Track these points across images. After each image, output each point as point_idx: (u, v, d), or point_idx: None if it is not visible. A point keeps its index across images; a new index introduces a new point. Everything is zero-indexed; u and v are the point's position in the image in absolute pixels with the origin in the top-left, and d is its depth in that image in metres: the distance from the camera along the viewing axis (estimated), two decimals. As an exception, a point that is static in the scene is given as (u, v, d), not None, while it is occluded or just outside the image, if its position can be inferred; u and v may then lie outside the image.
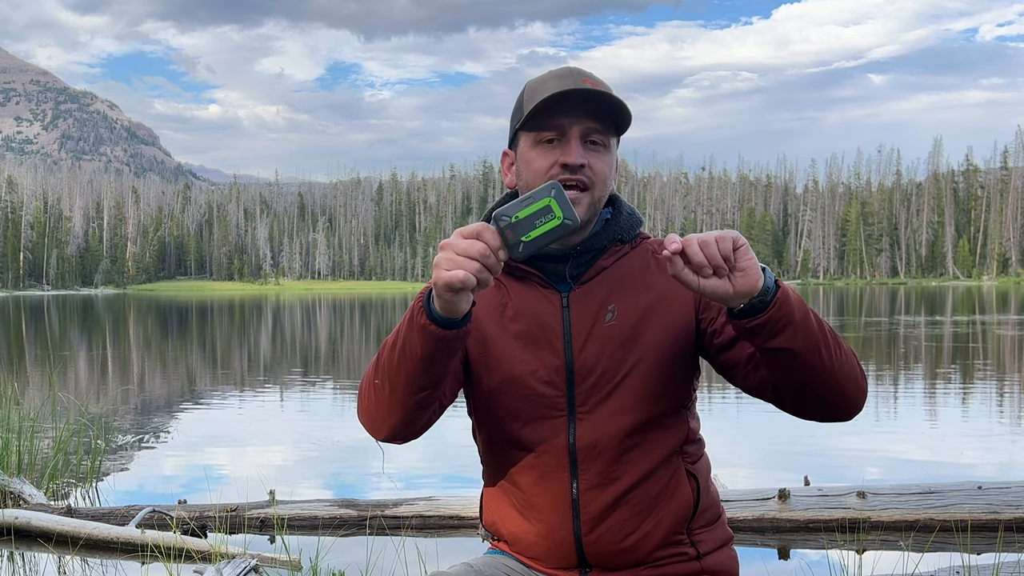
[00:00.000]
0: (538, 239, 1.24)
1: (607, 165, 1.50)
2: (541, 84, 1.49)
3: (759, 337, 1.33)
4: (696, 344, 1.53)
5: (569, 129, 1.47)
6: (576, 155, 1.46)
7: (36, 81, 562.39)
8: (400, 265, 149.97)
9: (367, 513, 4.62)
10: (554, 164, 1.47)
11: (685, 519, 1.53)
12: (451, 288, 1.24)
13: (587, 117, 1.47)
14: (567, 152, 1.46)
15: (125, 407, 9.95)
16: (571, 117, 1.46)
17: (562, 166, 1.46)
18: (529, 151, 1.51)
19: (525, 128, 1.50)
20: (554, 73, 1.51)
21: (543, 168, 1.48)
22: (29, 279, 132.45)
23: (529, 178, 1.50)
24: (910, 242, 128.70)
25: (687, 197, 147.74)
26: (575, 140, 1.47)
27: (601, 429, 1.49)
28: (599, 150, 1.49)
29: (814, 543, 4.34)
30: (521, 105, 1.52)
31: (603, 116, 1.48)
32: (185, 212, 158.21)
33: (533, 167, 1.49)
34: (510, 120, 1.57)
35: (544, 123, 1.47)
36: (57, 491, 5.62)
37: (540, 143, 1.49)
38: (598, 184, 1.49)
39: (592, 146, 1.48)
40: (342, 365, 15.85)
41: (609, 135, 1.50)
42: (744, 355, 1.47)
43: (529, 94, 1.51)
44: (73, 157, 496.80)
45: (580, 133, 1.47)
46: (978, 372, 12.74)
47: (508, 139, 1.59)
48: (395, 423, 1.46)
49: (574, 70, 1.49)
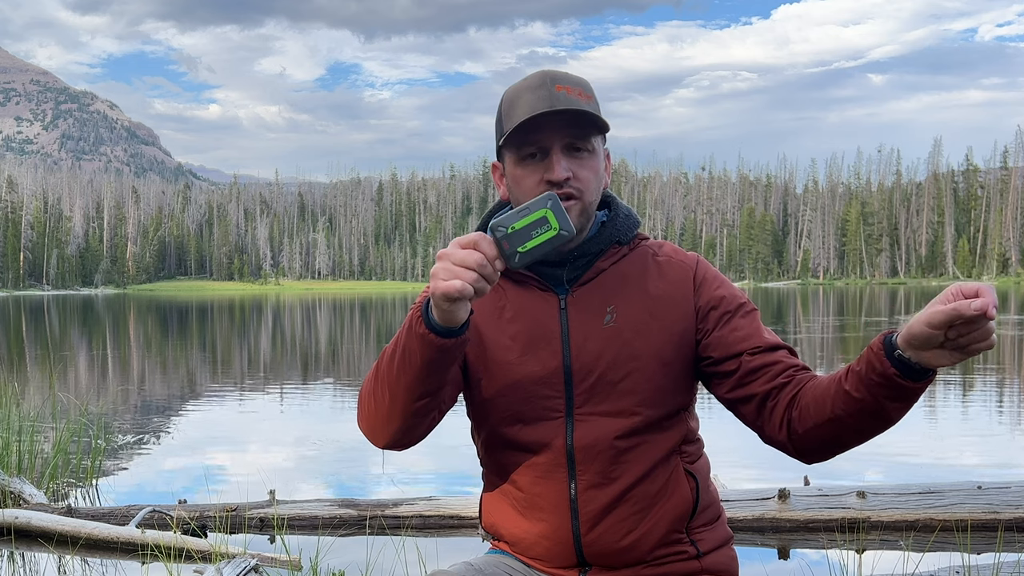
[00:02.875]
0: (534, 249, 1.26)
1: (593, 170, 1.49)
2: (517, 97, 1.47)
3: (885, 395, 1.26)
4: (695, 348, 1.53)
5: (551, 144, 1.46)
6: (559, 171, 1.45)
7: (36, 81, 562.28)
8: (400, 265, 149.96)
9: (367, 513, 4.62)
10: (540, 182, 1.47)
11: (684, 518, 1.53)
12: (449, 298, 1.25)
13: (566, 128, 1.46)
14: (550, 168, 1.46)
15: (125, 407, 9.96)
16: (550, 132, 1.45)
17: (547, 183, 1.46)
18: (514, 168, 1.50)
19: (507, 145, 1.50)
20: (528, 83, 1.48)
21: (531, 187, 1.48)
22: (29, 279, 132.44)
23: (519, 195, 1.50)
24: (910, 242, 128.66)
25: (687, 197, 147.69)
26: (557, 155, 1.46)
27: (599, 430, 1.49)
28: (583, 156, 1.48)
29: (814, 543, 4.34)
30: (500, 119, 1.51)
31: (583, 123, 1.47)
32: (185, 212, 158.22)
33: (521, 186, 1.49)
34: (495, 131, 1.55)
35: (524, 139, 1.47)
36: (57, 491, 5.62)
37: (524, 159, 1.48)
38: (587, 191, 1.48)
39: (576, 154, 1.48)
40: (342, 365, 15.85)
41: (592, 138, 1.49)
42: (732, 371, 1.48)
43: (507, 108, 1.49)
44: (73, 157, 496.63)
45: (562, 146, 1.46)
46: (978, 372, 12.75)
47: (495, 152, 1.58)
48: (395, 430, 1.47)
49: (547, 77, 1.47)
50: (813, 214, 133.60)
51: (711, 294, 1.53)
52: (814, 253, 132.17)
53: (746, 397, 1.48)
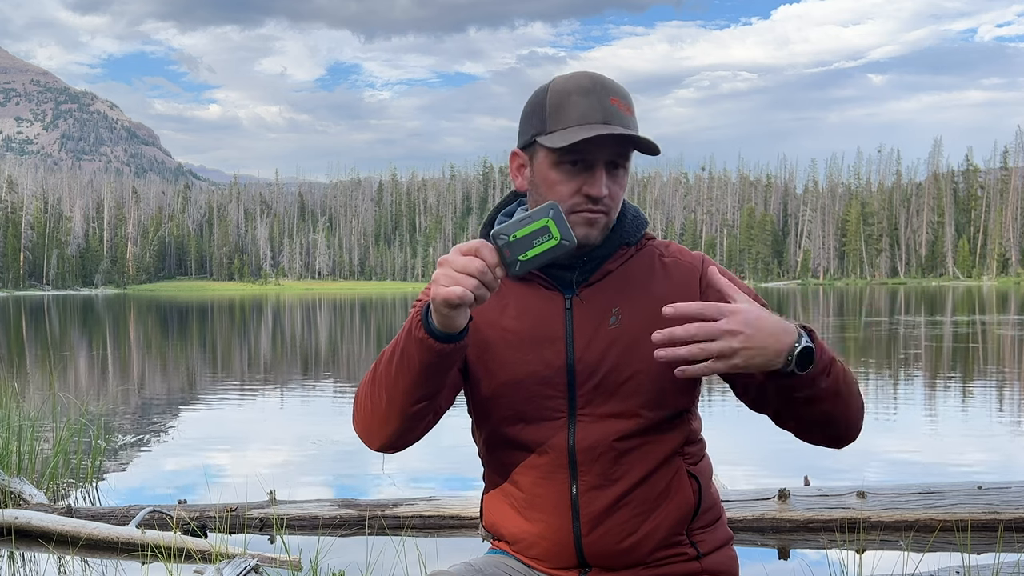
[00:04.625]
0: (535, 258, 1.28)
1: (624, 186, 1.50)
2: (566, 96, 1.44)
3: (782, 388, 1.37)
4: None
5: (596, 159, 1.44)
6: (600, 186, 1.44)
7: (36, 81, 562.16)
8: (400, 265, 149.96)
9: (367, 513, 4.62)
10: (577, 192, 1.45)
11: (686, 520, 1.53)
12: (449, 304, 1.27)
13: (617, 145, 1.45)
14: (592, 183, 1.44)
15: (125, 407, 9.95)
16: (601, 147, 1.43)
17: (586, 196, 1.45)
18: (549, 169, 1.47)
19: (547, 143, 1.45)
20: (579, 84, 1.45)
21: (566, 194, 1.46)
22: (29, 279, 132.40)
23: (547, 196, 1.47)
24: (910, 242, 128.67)
25: (687, 197, 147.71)
26: (600, 171, 1.45)
27: (601, 431, 1.49)
28: (619, 173, 1.48)
29: (814, 543, 4.35)
30: (543, 112, 1.46)
31: (632, 144, 1.47)
32: (185, 212, 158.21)
33: (555, 190, 1.47)
34: (524, 120, 1.51)
35: (574, 147, 1.43)
36: (57, 491, 5.62)
37: (563, 163, 1.46)
38: (615, 207, 1.50)
39: (614, 171, 1.47)
40: (342, 365, 15.85)
41: (630, 155, 1.49)
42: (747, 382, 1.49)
43: (554, 104, 1.45)
44: (73, 157, 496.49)
45: (606, 162, 1.46)
46: (978, 372, 12.75)
47: (520, 140, 1.53)
48: (390, 433, 1.48)
49: (597, 83, 1.44)
50: (813, 214, 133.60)
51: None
52: (814, 253, 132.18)
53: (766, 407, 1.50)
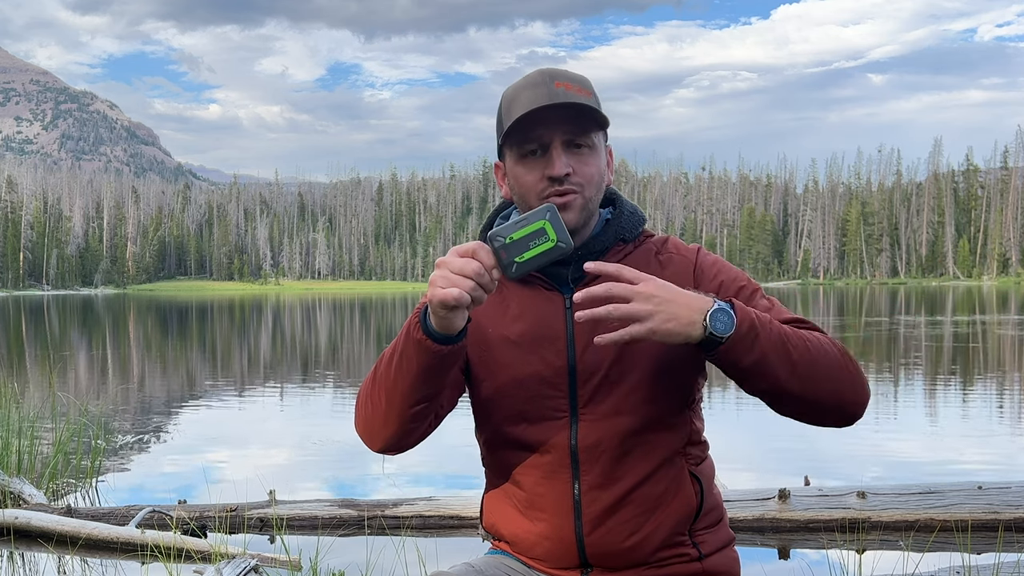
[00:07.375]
0: (531, 260, 1.29)
1: (594, 165, 1.50)
2: (516, 95, 1.48)
3: (722, 361, 1.37)
4: None
5: (550, 140, 1.47)
6: (559, 166, 1.46)
7: (36, 81, 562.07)
8: (400, 265, 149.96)
9: (367, 513, 4.62)
10: (541, 178, 1.48)
11: (687, 521, 1.53)
12: (446, 305, 1.28)
13: (566, 123, 1.46)
14: (550, 164, 1.47)
15: (125, 407, 9.96)
16: (550, 128, 1.46)
17: (548, 179, 1.47)
18: (515, 166, 1.51)
19: (507, 143, 1.50)
20: (528, 80, 1.49)
21: (532, 183, 1.49)
22: (29, 279, 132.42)
23: (521, 192, 1.51)
24: (910, 242, 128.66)
25: (687, 197, 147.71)
26: (557, 150, 1.46)
27: (603, 430, 1.49)
28: (583, 152, 1.49)
29: (814, 543, 4.35)
30: (500, 118, 1.52)
31: (583, 118, 1.47)
32: (185, 212, 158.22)
33: (522, 183, 1.50)
34: (496, 131, 1.55)
35: (524, 137, 1.47)
36: (57, 491, 5.62)
37: (524, 157, 1.49)
38: (587, 187, 1.49)
39: (576, 150, 1.48)
40: (342, 365, 15.85)
41: (592, 134, 1.50)
42: None
43: (506, 106, 1.50)
44: (73, 157, 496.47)
45: (562, 142, 1.47)
46: (978, 372, 12.75)
47: (496, 151, 1.58)
48: (391, 434, 1.49)
49: (546, 74, 1.48)
50: (813, 214, 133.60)
51: (709, 284, 1.52)
52: (814, 253, 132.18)
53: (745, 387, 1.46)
